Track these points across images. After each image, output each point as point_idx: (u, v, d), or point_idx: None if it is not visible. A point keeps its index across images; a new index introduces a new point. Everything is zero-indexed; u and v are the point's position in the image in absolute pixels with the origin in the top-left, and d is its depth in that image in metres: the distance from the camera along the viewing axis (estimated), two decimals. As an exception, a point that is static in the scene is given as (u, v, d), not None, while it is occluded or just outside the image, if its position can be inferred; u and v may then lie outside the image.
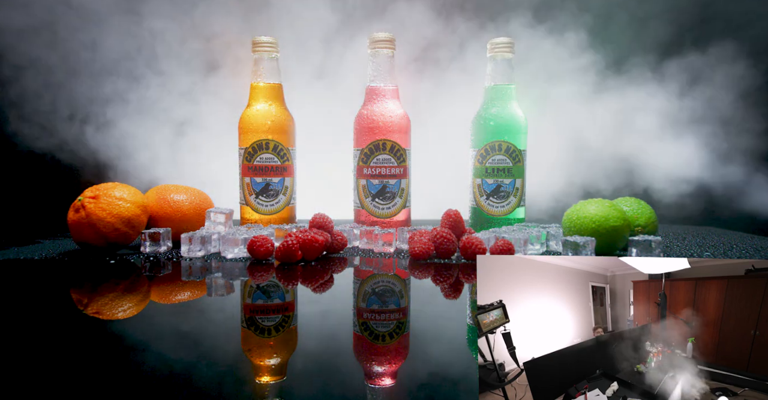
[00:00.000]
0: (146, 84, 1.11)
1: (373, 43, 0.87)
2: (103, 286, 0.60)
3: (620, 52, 1.12)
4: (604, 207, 0.74)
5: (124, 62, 1.10)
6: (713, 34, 1.09)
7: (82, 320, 0.48)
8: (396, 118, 0.87)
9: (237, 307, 0.52)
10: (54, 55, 1.07)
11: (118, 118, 1.11)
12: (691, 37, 1.10)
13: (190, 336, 0.43)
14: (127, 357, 0.38)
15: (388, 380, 0.34)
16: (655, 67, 1.11)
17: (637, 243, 0.70)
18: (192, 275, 0.64)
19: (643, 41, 1.12)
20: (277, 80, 0.90)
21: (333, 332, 0.45)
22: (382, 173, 0.86)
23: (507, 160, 0.87)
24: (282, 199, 0.88)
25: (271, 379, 0.34)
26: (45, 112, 1.08)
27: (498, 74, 0.89)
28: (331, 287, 0.59)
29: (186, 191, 0.83)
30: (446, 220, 0.77)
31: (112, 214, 0.72)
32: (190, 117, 1.13)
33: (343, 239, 0.76)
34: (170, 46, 1.10)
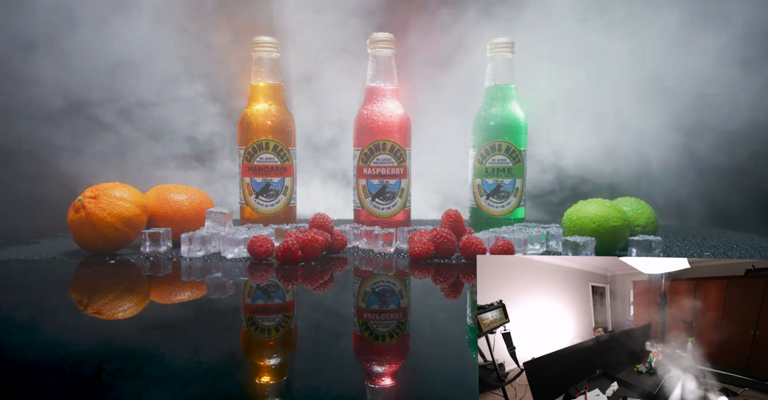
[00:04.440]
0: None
1: (372, 43, 0.87)
2: (103, 286, 0.60)
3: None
4: (604, 207, 0.74)
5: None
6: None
7: (82, 320, 0.48)
8: (396, 118, 0.87)
9: (237, 307, 0.52)
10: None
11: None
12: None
13: (190, 336, 0.43)
14: (127, 357, 0.38)
15: (388, 380, 0.34)
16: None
17: (637, 243, 0.70)
18: (192, 275, 0.64)
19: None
20: (277, 80, 0.90)
21: (333, 332, 0.45)
22: (382, 173, 0.86)
23: (507, 160, 0.87)
24: (282, 199, 0.88)
25: (271, 379, 0.34)
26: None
27: (498, 74, 0.89)
28: (331, 287, 0.59)
29: (186, 191, 0.83)
30: (446, 220, 0.77)
31: (112, 214, 0.72)
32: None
33: (343, 239, 0.76)
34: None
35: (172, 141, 1.13)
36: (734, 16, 1.07)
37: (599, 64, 1.12)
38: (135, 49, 1.09)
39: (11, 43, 1.04)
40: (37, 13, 1.04)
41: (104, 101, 1.09)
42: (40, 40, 1.04)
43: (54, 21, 1.04)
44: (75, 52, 1.06)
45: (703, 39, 1.09)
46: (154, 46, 1.10)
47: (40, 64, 1.05)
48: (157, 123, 1.12)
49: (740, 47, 1.08)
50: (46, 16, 1.04)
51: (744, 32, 1.07)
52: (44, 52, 1.05)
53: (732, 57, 1.09)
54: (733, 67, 1.09)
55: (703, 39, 1.09)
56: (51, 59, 1.05)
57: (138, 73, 1.10)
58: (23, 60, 1.05)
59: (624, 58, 1.12)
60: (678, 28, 1.10)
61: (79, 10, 1.05)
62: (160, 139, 1.12)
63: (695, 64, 1.10)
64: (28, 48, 1.04)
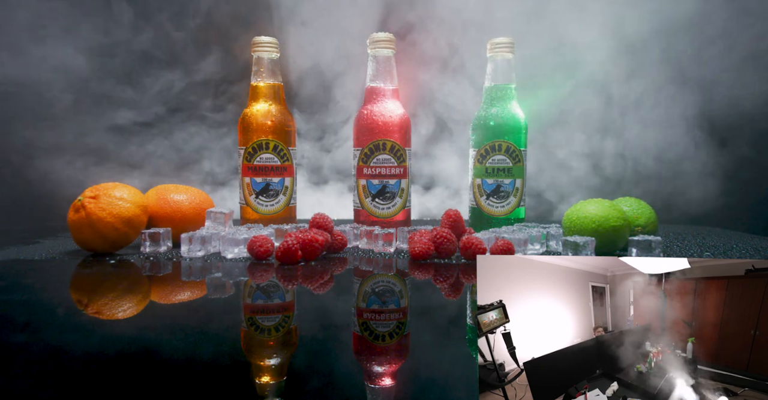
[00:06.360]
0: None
1: (372, 43, 0.87)
2: (103, 286, 0.60)
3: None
4: (604, 207, 0.74)
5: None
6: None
7: (82, 320, 0.48)
8: (396, 118, 0.87)
9: (237, 307, 0.52)
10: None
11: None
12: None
13: (189, 336, 0.43)
14: (127, 357, 0.38)
15: (388, 380, 0.34)
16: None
17: (637, 243, 0.70)
18: (192, 275, 0.64)
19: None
20: (277, 80, 0.90)
21: (333, 332, 0.45)
22: (382, 173, 0.86)
23: (507, 160, 0.87)
24: (282, 199, 0.88)
25: (271, 379, 0.34)
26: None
27: (498, 74, 0.89)
28: (331, 287, 0.59)
29: (186, 191, 0.83)
30: (446, 220, 0.77)
31: (112, 214, 0.72)
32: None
33: (343, 239, 0.76)
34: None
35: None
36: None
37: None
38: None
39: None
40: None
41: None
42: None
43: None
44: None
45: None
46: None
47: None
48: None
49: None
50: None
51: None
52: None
53: (731, 56, 1.09)
54: (734, 64, 1.09)
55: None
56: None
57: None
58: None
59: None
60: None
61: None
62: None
63: (699, 61, 1.10)
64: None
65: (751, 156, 1.11)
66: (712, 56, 1.10)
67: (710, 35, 1.09)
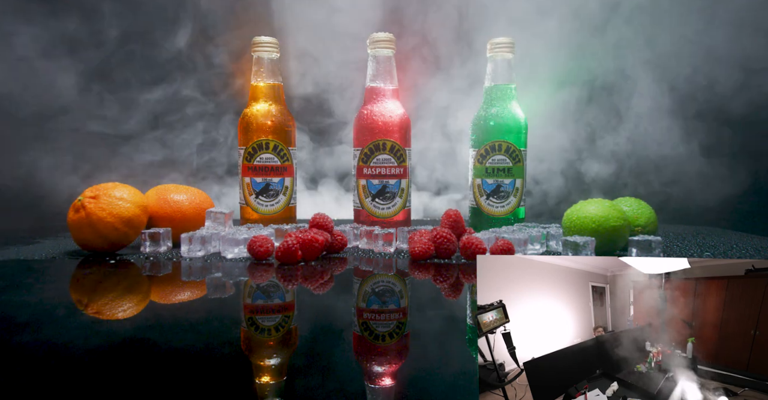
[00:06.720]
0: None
1: (372, 43, 0.87)
2: (103, 286, 0.60)
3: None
4: (604, 207, 0.74)
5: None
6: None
7: (82, 319, 0.48)
8: (396, 118, 0.87)
9: (237, 307, 0.52)
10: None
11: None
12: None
13: (189, 336, 0.43)
14: (127, 357, 0.38)
15: (388, 380, 0.34)
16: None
17: (637, 243, 0.70)
18: (192, 275, 0.64)
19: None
20: (277, 80, 0.90)
21: (333, 332, 0.45)
22: (382, 173, 0.86)
23: (507, 160, 0.87)
24: (282, 199, 0.88)
25: (271, 379, 0.34)
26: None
27: (498, 74, 0.89)
28: (331, 287, 0.59)
29: (186, 191, 0.83)
30: (446, 220, 0.77)
31: (112, 214, 0.72)
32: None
33: (343, 239, 0.76)
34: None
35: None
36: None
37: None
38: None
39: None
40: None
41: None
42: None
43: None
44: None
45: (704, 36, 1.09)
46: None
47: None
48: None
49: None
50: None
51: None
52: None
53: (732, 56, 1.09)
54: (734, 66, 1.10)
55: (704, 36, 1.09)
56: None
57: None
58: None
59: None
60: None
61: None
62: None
63: (697, 61, 1.10)
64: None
65: (751, 156, 1.11)
66: (714, 58, 1.10)
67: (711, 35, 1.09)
